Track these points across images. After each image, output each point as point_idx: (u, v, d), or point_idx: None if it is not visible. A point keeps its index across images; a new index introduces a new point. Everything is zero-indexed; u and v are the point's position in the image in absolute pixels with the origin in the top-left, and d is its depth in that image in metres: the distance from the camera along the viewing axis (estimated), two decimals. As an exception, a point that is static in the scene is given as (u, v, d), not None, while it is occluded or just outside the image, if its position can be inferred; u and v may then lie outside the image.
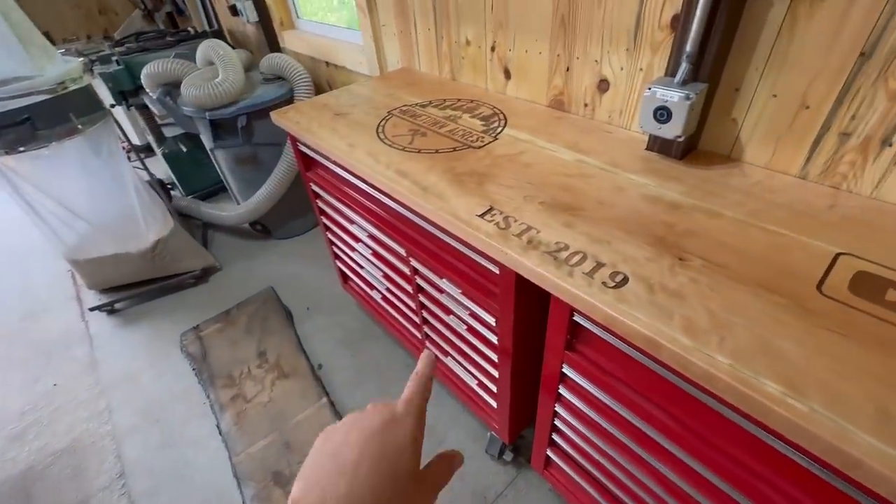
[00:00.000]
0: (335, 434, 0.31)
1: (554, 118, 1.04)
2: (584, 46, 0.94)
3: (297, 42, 2.01)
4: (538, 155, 0.90)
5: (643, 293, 0.57)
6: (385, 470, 0.29)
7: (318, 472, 0.29)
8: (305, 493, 0.28)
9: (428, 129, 1.05)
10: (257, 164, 1.95)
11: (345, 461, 0.29)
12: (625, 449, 0.74)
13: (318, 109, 1.22)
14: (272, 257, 2.14)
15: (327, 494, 0.27)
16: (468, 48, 1.21)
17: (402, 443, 0.31)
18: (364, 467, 0.28)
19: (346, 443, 0.30)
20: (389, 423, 0.31)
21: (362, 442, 0.30)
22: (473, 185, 0.82)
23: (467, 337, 1.02)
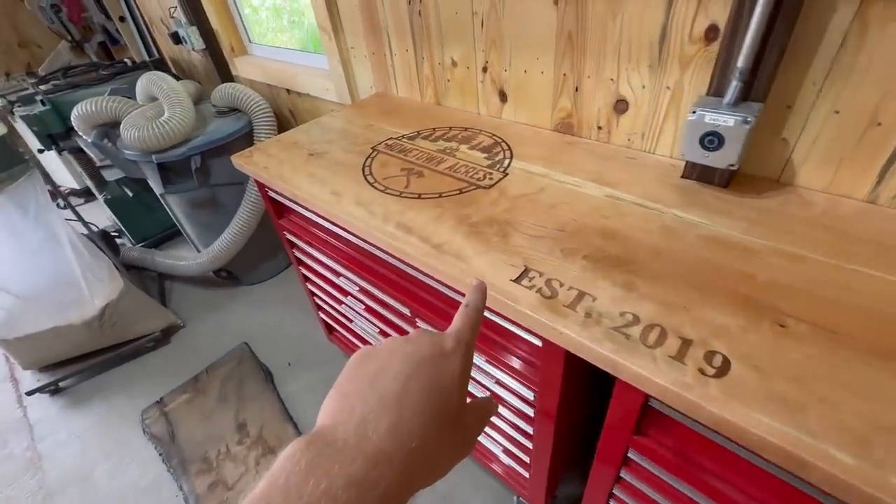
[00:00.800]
0: (375, 358, 0.28)
1: (565, 144, 0.93)
2: (597, 64, 0.83)
3: (252, 69, 1.82)
4: (561, 192, 0.77)
5: (754, 380, 0.45)
6: (432, 409, 0.26)
7: (355, 399, 0.26)
8: (342, 421, 0.24)
9: (423, 166, 0.91)
10: (217, 207, 1.74)
11: (387, 391, 0.26)
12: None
13: (287, 149, 1.05)
14: (243, 307, 1.92)
15: (368, 427, 0.24)
16: (455, 69, 1.08)
17: (451, 381, 0.28)
18: (410, 403, 0.25)
19: (387, 370, 0.27)
20: (438, 356, 0.28)
21: (407, 374, 0.27)
22: (496, 239, 0.68)
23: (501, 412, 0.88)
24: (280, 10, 1.79)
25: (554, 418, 0.71)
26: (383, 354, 0.28)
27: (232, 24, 1.84)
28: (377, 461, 0.23)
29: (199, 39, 1.83)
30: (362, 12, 1.19)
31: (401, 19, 1.10)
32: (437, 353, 0.28)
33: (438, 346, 0.29)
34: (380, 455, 0.23)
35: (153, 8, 2.11)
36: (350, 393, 0.26)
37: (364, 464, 0.22)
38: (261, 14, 1.87)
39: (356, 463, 0.22)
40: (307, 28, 1.72)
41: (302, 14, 1.72)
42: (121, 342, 1.69)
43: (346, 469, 0.22)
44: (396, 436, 0.24)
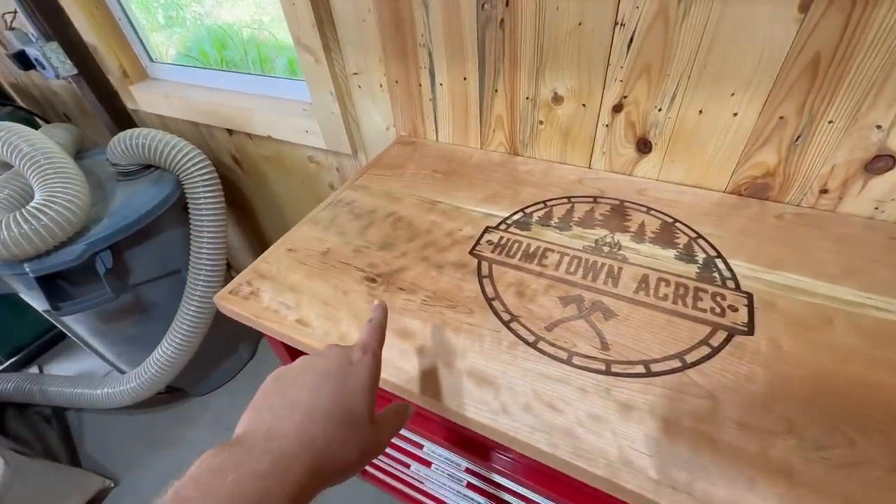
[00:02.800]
0: (287, 374, 0.31)
1: (772, 218, 0.62)
2: (859, 104, 0.53)
3: (161, 101, 1.25)
4: (871, 328, 0.47)
5: None
6: (339, 412, 0.29)
7: (266, 411, 0.28)
8: (252, 430, 0.27)
9: (593, 289, 0.54)
10: (145, 312, 1.18)
11: (298, 399, 0.28)
12: None
13: (318, 267, 0.61)
14: (201, 433, 1.38)
15: (276, 432, 0.26)
16: (558, 107, 0.71)
17: (359, 386, 0.31)
18: (319, 408, 0.28)
19: (298, 382, 0.30)
20: (346, 366, 0.31)
21: (317, 384, 0.30)
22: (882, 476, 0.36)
23: None
24: (149, 3, 1.23)
25: None
26: (296, 371, 0.31)
27: (119, 38, 1.24)
28: (284, 458, 0.25)
29: (65, 61, 1.20)
30: (381, 22, 0.76)
31: (461, 31, 0.70)
32: (346, 363, 0.32)
33: (346, 357, 0.32)
34: (286, 453, 0.25)
35: (-30, 13, 1.38)
36: (262, 407, 0.29)
37: (271, 460, 0.24)
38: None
39: (263, 460, 0.24)
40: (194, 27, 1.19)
41: (182, 7, 1.18)
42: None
43: (254, 466, 0.24)
44: (303, 436, 0.26)
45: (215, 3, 1.16)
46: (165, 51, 1.32)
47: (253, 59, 1.18)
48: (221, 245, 1.17)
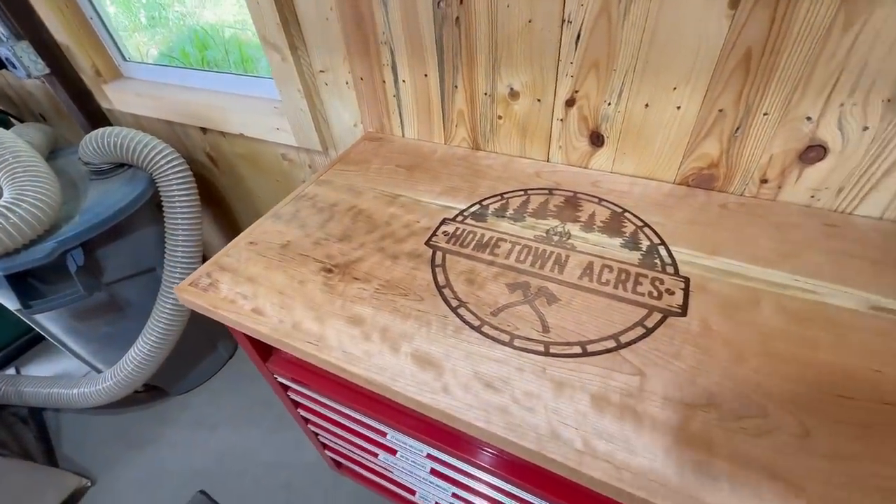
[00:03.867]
0: None
1: (716, 207, 0.64)
2: (788, 96, 0.55)
3: (134, 100, 1.25)
4: (797, 310, 0.49)
5: None
6: None
7: None
8: None
9: (539, 275, 0.56)
10: (120, 310, 1.18)
11: None
12: None
13: (278, 259, 0.63)
14: (180, 431, 1.38)
15: None
16: (514, 102, 0.73)
17: None
18: None
19: None
20: None
21: None
22: (792, 440, 0.38)
23: None
24: (131, 3, 1.23)
25: None
26: None
27: (91, 37, 1.24)
28: None
29: (36, 61, 1.20)
30: (344, 21, 0.77)
31: (419, 30, 0.72)
32: None
33: None
34: None
35: (-59, 13, 1.37)
36: None
37: None
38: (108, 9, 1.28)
39: None
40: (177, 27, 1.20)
41: (164, 7, 1.19)
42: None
43: None
44: None
45: (198, 3, 1.16)
46: (147, 51, 1.32)
47: (235, 59, 1.18)
48: (196, 242, 1.17)
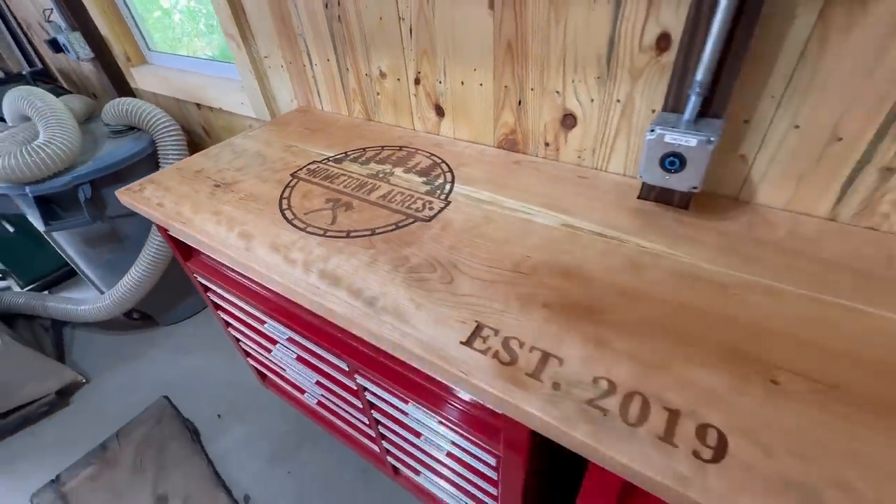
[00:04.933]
0: None
1: (511, 164, 0.84)
2: (541, 75, 0.75)
3: (153, 80, 1.59)
4: (512, 223, 0.68)
5: (758, 461, 0.37)
6: None
7: None
8: None
9: (353, 195, 0.78)
10: (119, 242, 1.50)
11: None
12: None
13: (189, 180, 0.88)
14: (161, 353, 1.68)
15: None
16: (384, 81, 0.96)
17: None
18: None
19: None
20: None
21: None
22: (441, 286, 0.58)
23: (450, 464, 0.77)
24: (196, 14, 1.57)
25: (522, 490, 0.62)
26: None
27: (125, 29, 1.59)
28: None
29: (84, 47, 1.57)
30: (273, 17, 1.04)
31: (318, 25, 0.97)
32: None
33: None
34: None
35: (26, 9, 1.80)
36: None
37: None
38: (174, 17, 1.63)
39: None
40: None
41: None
42: (4, 412, 1.40)
43: None
44: None
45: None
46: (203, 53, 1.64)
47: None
48: (181, 193, 1.47)
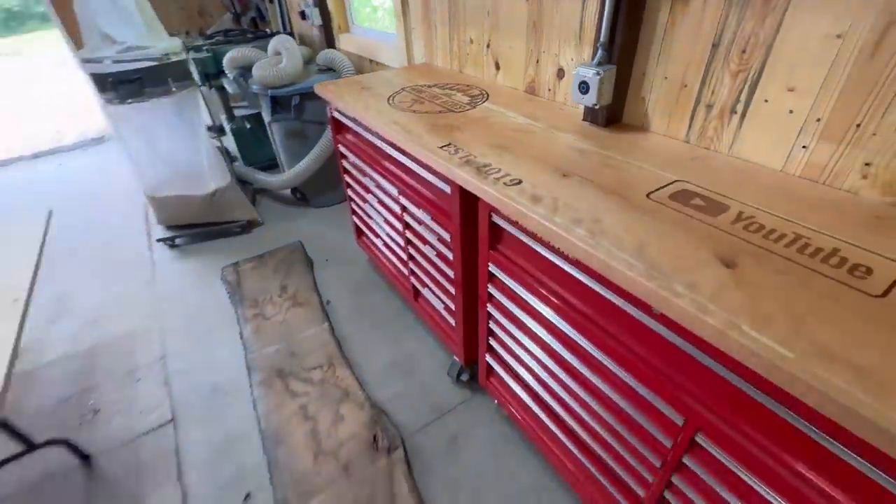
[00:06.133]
0: None
1: (525, 99, 1.33)
2: (548, 43, 1.23)
3: (349, 43, 2.42)
4: (501, 118, 1.18)
5: (538, 191, 0.84)
6: None
7: None
8: None
9: (426, 100, 1.36)
10: (304, 139, 2.34)
11: None
12: (536, 338, 0.99)
13: (350, 85, 1.57)
14: (305, 220, 2.51)
15: None
16: (472, 46, 1.53)
17: None
18: None
19: None
20: None
21: None
22: (444, 132, 1.12)
23: (437, 263, 1.30)
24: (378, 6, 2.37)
25: (460, 252, 1.12)
26: None
27: (343, 8, 2.45)
28: None
29: (318, 18, 2.47)
30: (423, 5, 1.68)
31: (443, 10, 1.58)
32: None
33: None
34: None
35: (293, -7, 2.82)
36: None
37: None
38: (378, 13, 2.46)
39: None
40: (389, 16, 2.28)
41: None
42: (219, 221, 2.34)
43: None
44: None
45: None
46: (375, 27, 2.49)
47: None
48: (345, 115, 2.25)
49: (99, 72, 1.81)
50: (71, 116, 4.87)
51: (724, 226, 0.71)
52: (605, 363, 0.79)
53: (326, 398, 1.48)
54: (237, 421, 1.45)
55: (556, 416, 1.04)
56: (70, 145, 4.00)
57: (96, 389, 1.59)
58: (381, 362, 1.62)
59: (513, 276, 0.97)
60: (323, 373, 1.57)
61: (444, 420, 1.41)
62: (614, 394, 0.80)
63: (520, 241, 0.90)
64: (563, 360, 0.91)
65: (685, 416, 0.67)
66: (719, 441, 0.64)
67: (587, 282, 0.76)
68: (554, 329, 0.90)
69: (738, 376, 0.58)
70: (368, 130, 1.36)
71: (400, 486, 1.23)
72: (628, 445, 0.82)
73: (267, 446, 1.35)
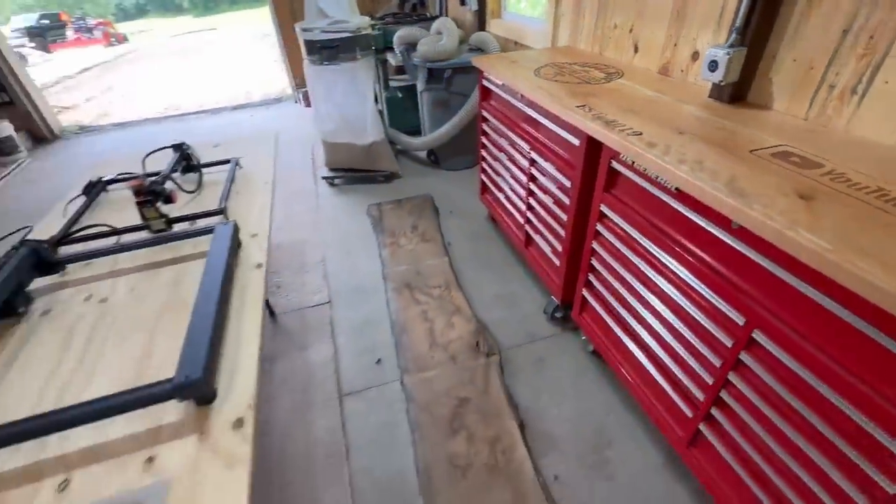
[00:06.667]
0: None
1: (657, 78, 1.50)
2: (689, 28, 1.39)
3: (498, 27, 2.73)
4: (632, 91, 1.39)
5: (655, 140, 1.06)
6: None
7: None
8: None
9: (567, 73, 1.61)
10: (447, 109, 2.72)
11: None
12: (631, 266, 1.20)
13: (502, 59, 1.87)
14: (435, 179, 2.92)
15: None
16: (615, 30, 1.72)
17: None
18: None
19: None
20: None
21: None
22: (580, 97, 1.36)
23: (553, 209, 1.55)
24: None
25: (577, 194, 1.36)
26: None
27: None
28: None
29: (475, 4, 2.82)
30: None
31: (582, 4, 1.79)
32: None
33: None
34: None
35: (455, -18, 3.21)
36: None
37: None
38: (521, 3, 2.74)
39: None
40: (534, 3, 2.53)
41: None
42: (369, 169, 2.85)
43: None
44: None
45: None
46: (522, 12, 2.78)
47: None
48: (486, 90, 2.57)
49: (311, 38, 2.37)
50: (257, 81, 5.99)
51: (812, 176, 0.86)
52: (683, 276, 0.99)
53: (442, 309, 1.84)
54: (373, 312, 1.88)
55: (635, 334, 1.24)
56: (257, 102, 4.98)
57: (280, 273, 2.15)
58: (488, 294, 1.94)
59: (621, 213, 1.20)
60: (441, 291, 1.93)
61: (534, 345, 1.68)
62: (686, 302, 1.00)
63: (632, 182, 1.12)
64: (649, 279, 1.12)
65: (746, 317, 0.86)
66: (773, 336, 0.82)
67: (682, 209, 0.97)
68: (648, 254, 1.11)
69: (794, 275, 0.76)
70: (513, 95, 1.65)
71: (494, 379, 1.53)
72: (693, 350, 1.01)
73: (395, 332, 1.75)
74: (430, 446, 1.34)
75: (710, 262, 0.94)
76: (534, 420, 1.42)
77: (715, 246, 0.92)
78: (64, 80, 7.65)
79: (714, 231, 0.90)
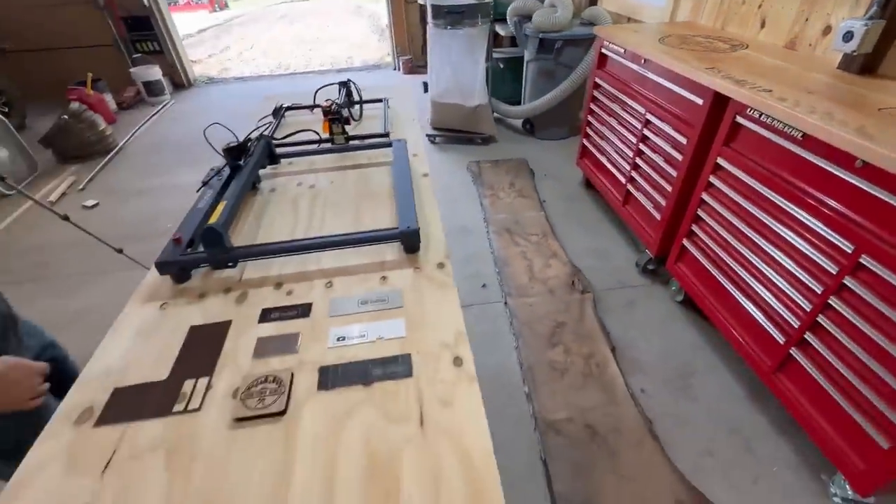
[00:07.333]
0: None
1: (783, 52, 1.59)
2: (823, 3, 1.47)
3: (611, 3, 2.83)
4: (758, 60, 1.50)
5: (784, 95, 1.19)
6: None
7: None
8: None
9: (691, 43, 1.73)
10: (551, 79, 2.89)
11: None
12: (745, 212, 1.35)
13: (624, 29, 2.02)
14: (531, 146, 3.10)
15: None
16: (742, 6, 1.81)
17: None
18: None
19: None
20: None
21: None
22: (708, 62, 1.49)
23: (662, 167, 1.70)
24: None
25: (693, 148, 1.51)
26: None
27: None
28: None
29: None
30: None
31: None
32: None
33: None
34: None
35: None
36: None
37: None
38: None
39: None
40: None
41: None
42: (471, 131, 3.09)
43: None
44: None
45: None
46: None
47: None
48: (593, 62, 2.70)
49: (439, 3, 2.61)
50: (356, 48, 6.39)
51: (939, 130, 0.97)
52: (795, 213, 1.13)
53: (539, 253, 2.05)
54: (477, 248, 2.13)
55: (733, 274, 1.39)
56: (358, 66, 5.35)
57: (393, 209, 2.46)
58: (581, 246, 2.13)
59: (739, 164, 1.34)
60: (538, 238, 2.15)
61: (625, 290, 1.86)
62: (794, 237, 1.14)
63: (755, 135, 1.26)
64: (760, 222, 1.26)
65: (855, 244, 1.00)
66: (882, 259, 0.96)
67: (804, 154, 1.10)
68: (762, 199, 1.26)
69: (908, 205, 0.89)
70: (635, 60, 1.80)
71: (588, 311, 1.74)
72: (794, 280, 1.16)
73: (497, 264, 2.00)
74: (532, 351, 1.58)
75: (824, 199, 1.08)
76: (624, 348, 1.61)
77: (832, 184, 1.05)
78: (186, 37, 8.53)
79: (834, 170, 1.04)
